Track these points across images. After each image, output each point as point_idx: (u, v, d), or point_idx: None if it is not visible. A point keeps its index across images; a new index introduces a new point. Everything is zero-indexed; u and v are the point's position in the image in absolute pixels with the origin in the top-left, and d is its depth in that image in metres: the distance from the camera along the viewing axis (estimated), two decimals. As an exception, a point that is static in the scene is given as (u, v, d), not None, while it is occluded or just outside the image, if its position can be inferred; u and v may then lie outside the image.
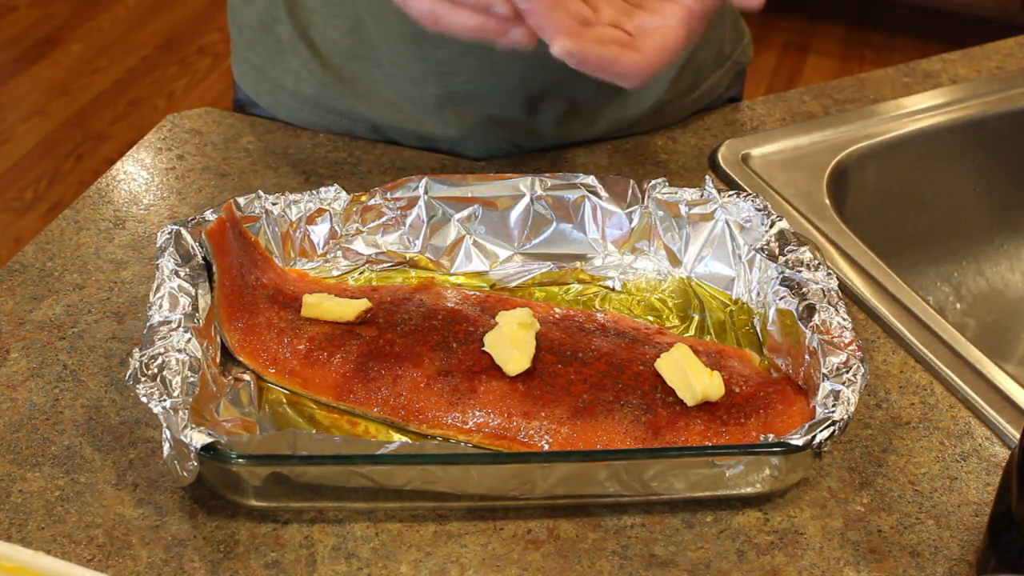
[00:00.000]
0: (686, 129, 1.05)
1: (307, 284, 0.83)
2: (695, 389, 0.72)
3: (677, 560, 0.68)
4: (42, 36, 3.12)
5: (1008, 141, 1.10)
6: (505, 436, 0.73)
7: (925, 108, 1.08)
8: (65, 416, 0.75)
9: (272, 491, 0.68)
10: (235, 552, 0.68)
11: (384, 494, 0.69)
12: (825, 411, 0.69)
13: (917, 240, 1.10)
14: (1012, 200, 1.14)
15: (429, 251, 0.86)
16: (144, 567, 0.67)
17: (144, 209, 0.93)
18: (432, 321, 0.79)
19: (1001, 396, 0.78)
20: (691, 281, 0.86)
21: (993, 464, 0.75)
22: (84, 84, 2.94)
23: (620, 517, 0.70)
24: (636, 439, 0.72)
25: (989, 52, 1.19)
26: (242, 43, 1.04)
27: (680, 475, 0.69)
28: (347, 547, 0.68)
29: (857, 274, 0.88)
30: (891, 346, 0.83)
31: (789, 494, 0.72)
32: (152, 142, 1.01)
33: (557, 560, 0.68)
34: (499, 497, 0.69)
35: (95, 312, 0.83)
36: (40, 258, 0.88)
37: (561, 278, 0.86)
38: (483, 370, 0.75)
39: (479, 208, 0.86)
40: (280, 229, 0.84)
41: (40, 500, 0.70)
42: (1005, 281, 1.14)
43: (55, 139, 2.74)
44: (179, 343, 0.71)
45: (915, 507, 0.72)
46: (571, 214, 0.86)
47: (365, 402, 0.75)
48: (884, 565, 0.68)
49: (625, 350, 0.77)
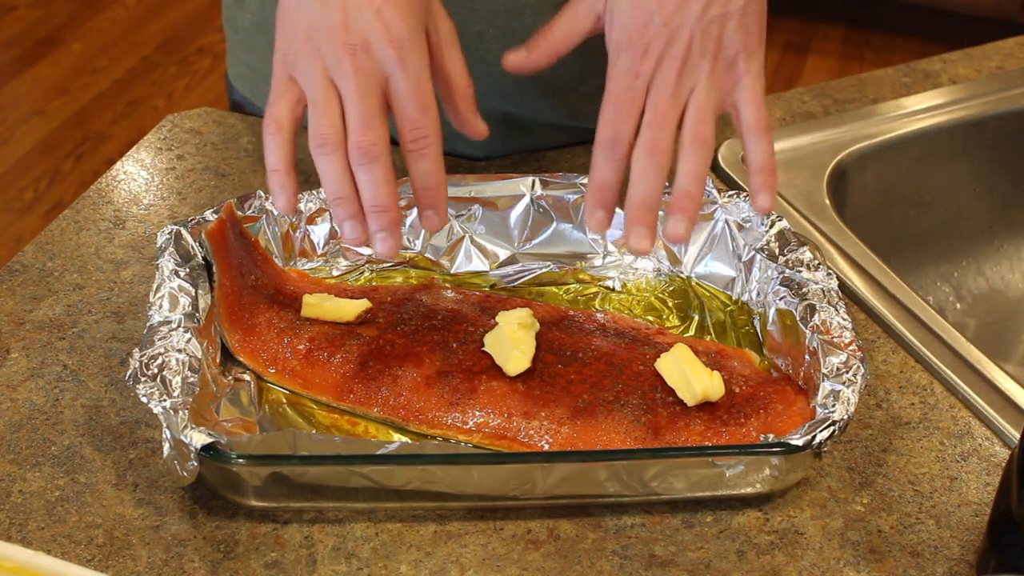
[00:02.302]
0: (686, 129, 1.05)
1: (307, 284, 0.83)
2: (695, 389, 0.72)
3: (677, 560, 0.68)
4: (42, 36, 3.11)
5: (1008, 141, 1.10)
6: (505, 436, 0.73)
7: (925, 108, 1.08)
8: (65, 416, 0.75)
9: (272, 491, 0.68)
10: (235, 552, 0.68)
11: (384, 494, 0.69)
12: (825, 411, 0.69)
13: (917, 240, 1.10)
14: (1012, 200, 1.14)
15: (429, 251, 0.86)
16: (144, 567, 0.67)
17: (144, 209, 0.93)
18: (432, 321, 0.79)
19: (1001, 396, 0.78)
20: (691, 281, 0.86)
21: (993, 464, 0.75)
22: (84, 84, 2.94)
23: (620, 517, 0.70)
24: (636, 439, 0.72)
25: (989, 52, 1.18)
26: (237, 45, 1.04)
27: (680, 475, 0.69)
28: (347, 547, 0.68)
29: (857, 274, 0.88)
30: (891, 346, 0.83)
31: (789, 494, 0.72)
32: (152, 142, 1.00)
33: (557, 560, 0.68)
34: (499, 497, 0.69)
35: (95, 312, 0.83)
36: (40, 258, 0.88)
37: (561, 278, 0.86)
38: (483, 370, 0.75)
39: (479, 208, 0.86)
40: (280, 229, 0.84)
41: (40, 500, 0.70)
42: (1005, 281, 1.14)
43: (55, 139, 2.74)
44: (179, 343, 0.71)
45: (915, 507, 0.72)
46: (571, 214, 0.86)
47: (365, 402, 0.75)
48: (884, 565, 0.68)
49: (625, 350, 0.77)
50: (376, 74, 0.70)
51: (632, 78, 0.72)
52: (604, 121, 0.73)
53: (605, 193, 0.73)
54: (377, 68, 0.70)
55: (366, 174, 0.69)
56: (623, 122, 0.72)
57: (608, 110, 0.73)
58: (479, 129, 0.77)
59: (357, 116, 0.69)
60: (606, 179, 0.73)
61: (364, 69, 0.69)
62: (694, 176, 0.72)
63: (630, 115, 0.72)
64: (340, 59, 0.70)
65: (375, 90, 0.70)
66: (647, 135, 0.72)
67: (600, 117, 0.73)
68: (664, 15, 0.72)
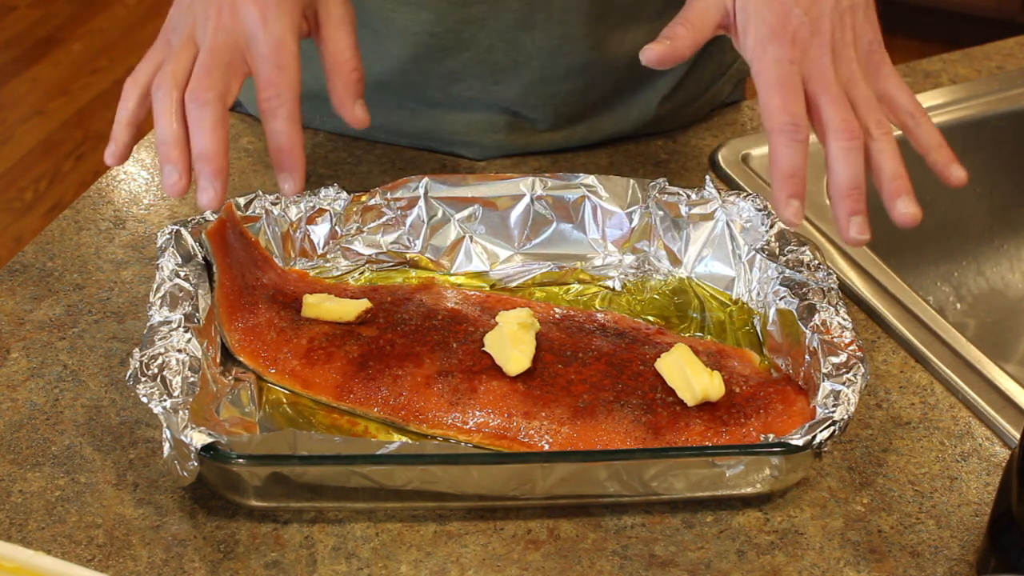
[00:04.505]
0: (686, 129, 1.05)
1: (307, 284, 0.83)
2: (695, 389, 0.72)
3: (677, 560, 0.68)
4: (42, 36, 3.11)
5: (1008, 141, 1.10)
6: (505, 436, 0.73)
7: (925, 108, 1.08)
8: (65, 416, 0.75)
9: (272, 491, 0.68)
10: (235, 552, 0.68)
11: (384, 494, 0.69)
12: (825, 411, 0.69)
13: (917, 240, 1.10)
14: (1012, 200, 1.14)
15: (429, 251, 0.86)
16: (144, 567, 0.67)
17: (144, 209, 0.93)
18: (432, 321, 0.79)
19: (1001, 396, 0.78)
20: (691, 281, 0.86)
21: (993, 464, 0.75)
22: (84, 84, 2.94)
23: (620, 517, 0.70)
24: (636, 439, 0.72)
25: (989, 52, 1.18)
26: None
27: (680, 475, 0.69)
28: (347, 547, 0.68)
29: (857, 274, 0.88)
30: (891, 346, 0.83)
31: (789, 494, 0.72)
32: (152, 142, 1.00)
33: (557, 560, 0.68)
34: (499, 497, 0.69)
35: (95, 312, 0.83)
36: (40, 258, 0.88)
37: (561, 278, 0.86)
38: (483, 370, 0.75)
39: (479, 208, 0.86)
40: (280, 229, 0.84)
41: (40, 500, 0.70)
42: (1005, 281, 1.14)
43: (55, 139, 2.74)
44: (179, 343, 0.71)
45: (915, 507, 0.72)
46: (571, 214, 0.86)
47: (365, 402, 0.75)
48: (884, 565, 0.68)
49: (625, 350, 0.77)
50: (236, 33, 0.71)
51: (788, 64, 0.71)
52: (775, 108, 0.70)
53: (796, 179, 0.70)
54: (239, 27, 0.71)
55: (195, 120, 0.69)
56: (797, 104, 0.70)
57: (775, 97, 0.70)
58: (357, 116, 0.75)
59: (201, 65, 0.71)
60: (795, 164, 0.70)
61: (224, 26, 0.71)
62: (896, 158, 0.71)
63: (798, 98, 0.71)
64: (208, 18, 0.71)
65: (229, 46, 0.71)
66: (835, 116, 0.70)
67: (767, 106, 0.71)
68: (803, 6, 0.72)
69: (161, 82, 0.71)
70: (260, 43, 0.71)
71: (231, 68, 0.71)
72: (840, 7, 0.73)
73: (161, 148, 0.70)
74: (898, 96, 0.74)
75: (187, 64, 0.71)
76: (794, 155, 0.70)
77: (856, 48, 0.73)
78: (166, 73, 0.71)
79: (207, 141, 0.69)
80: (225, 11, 0.71)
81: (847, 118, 0.70)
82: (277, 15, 0.71)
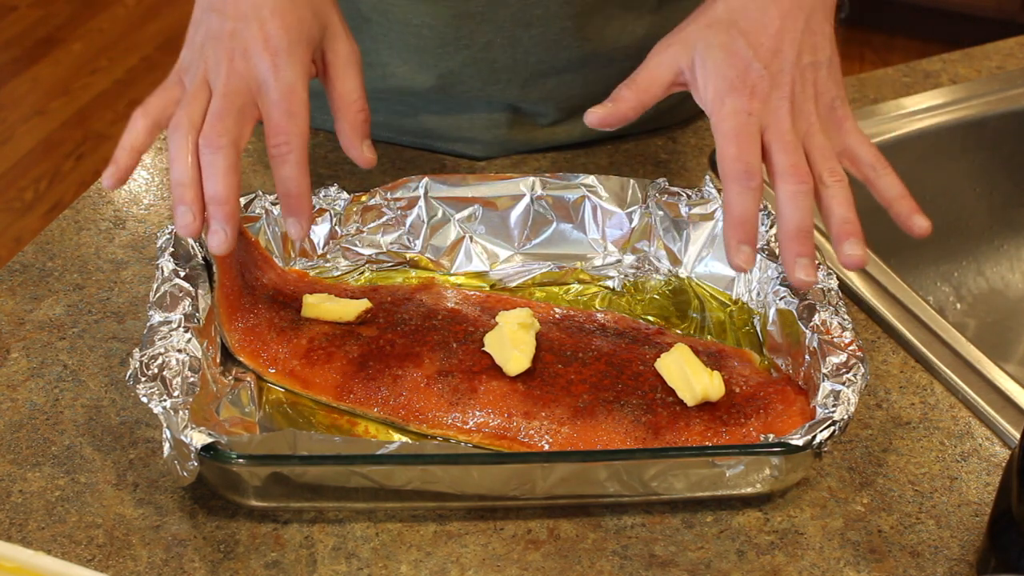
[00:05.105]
0: (686, 129, 1.05)
1: (307, 284, 0.83)
2: (695, 389, 0.72)
3: (677, 560, 0.68)
4: (42, 36, 3.11)
5: (1008, 141, 1.10)
6: (505, 436, 0.73)
7: (925, 108, 1.08)
8: (65, 416, 0.75)
9: (272, 491, 0.68)
10: (235, 552, 0.68)
11: (384, 494, 0.69)
12: (825, 411, 0.69)
13: (917, 240, 1.10)
14: (1012, 200, 1.14)
15: (429, 251, 0.86)
16: (144, 567, 0.67)
17: (144, 209, 0.93)
18: (432, 321, 0.79)
19: (1001, 396, 0.78)
20: (691, 281, 0.86)
21: (993, 464, 0.75)
22: (84, 84, 2.94)
23: (620, 517, 0.70)
24: (636, 439, 0.72)
25: (989, 52, 1.18)
26: None
27: (680, 475, 0.69)
28: (347, 547, 0.68)
29: (857, 274, 0.88)
30: (891, 346, 0.83)
31: (789, 494, 0.72)
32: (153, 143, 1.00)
33: (557, 560, 0.68)
34: (499, 497, 0.69)
35: (95, 312, 0.83)
36: (40, 258, 0.88)
37: (561, 278, 0.86)
38: (483, 370, 0.75)
39: (479, 208, 0.86)
40: (280, 229, 0.84)
41: (40, 500, 0.70)
42: (1005, 281, 1.14)
43: (55, 139, 2.74)
44: (179, 343, 0.71)
45: (915, 507, 0.72)
46: (571, 214, 0.86)
47: (365, 402, 0.75)
48: (884, 565, 0.68)
49: (625, 350, 0.77)
50: (248, 78, 0.73)
51: (745, 115, 0.72)
52: (730, 156, 0.71)
53: (747, 226, 0.71)
54: (251, 73, 0.73)
55: (209, 165, 0.71)
56: (751, 153, 0.71)
57: (731, 147, 0.71)
58: (365, 157, 0.77)
59: (214, 110, 0.72)
60: (746, 211, 0.71)
61: (237, 72, 0.73)
62: (847, 204, 0.71)
63: (753, 148, 0.71)
64: (220, 62, 0.73)
65: (241, 92, 0.72)
66: (785, 161, 0.71)
67: (722, 155, 0.71)
68: (762, 60, 0.72)
69: (179, 123, 0.72)
70: (272, 89, 0.72)
71: (243, 113, 0.72)
72: (801, 63, 0.73)
73: (176, 190, 0.71)
74: (859, 150, 0.74)
75: (202, 107, 0.73)
76: (746, 202, 0.71)
77: (817, 103, 0.74)
78: (182, 116, 0.72)
79: (220, 187, 0.71)
80: (238, 57, 0.73)
81: (796, 163, 0.71)
82: (288, 62, 0.73)
